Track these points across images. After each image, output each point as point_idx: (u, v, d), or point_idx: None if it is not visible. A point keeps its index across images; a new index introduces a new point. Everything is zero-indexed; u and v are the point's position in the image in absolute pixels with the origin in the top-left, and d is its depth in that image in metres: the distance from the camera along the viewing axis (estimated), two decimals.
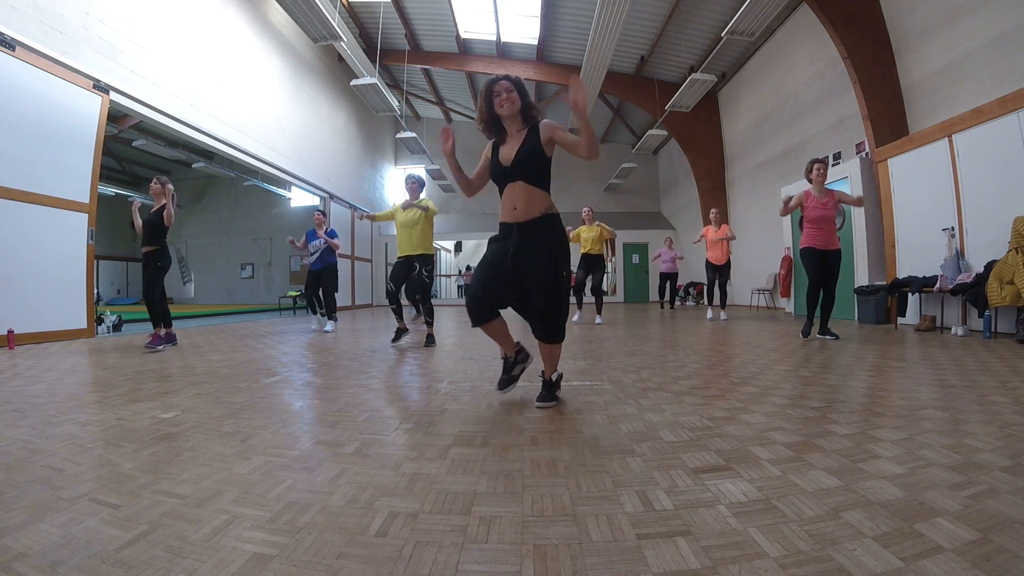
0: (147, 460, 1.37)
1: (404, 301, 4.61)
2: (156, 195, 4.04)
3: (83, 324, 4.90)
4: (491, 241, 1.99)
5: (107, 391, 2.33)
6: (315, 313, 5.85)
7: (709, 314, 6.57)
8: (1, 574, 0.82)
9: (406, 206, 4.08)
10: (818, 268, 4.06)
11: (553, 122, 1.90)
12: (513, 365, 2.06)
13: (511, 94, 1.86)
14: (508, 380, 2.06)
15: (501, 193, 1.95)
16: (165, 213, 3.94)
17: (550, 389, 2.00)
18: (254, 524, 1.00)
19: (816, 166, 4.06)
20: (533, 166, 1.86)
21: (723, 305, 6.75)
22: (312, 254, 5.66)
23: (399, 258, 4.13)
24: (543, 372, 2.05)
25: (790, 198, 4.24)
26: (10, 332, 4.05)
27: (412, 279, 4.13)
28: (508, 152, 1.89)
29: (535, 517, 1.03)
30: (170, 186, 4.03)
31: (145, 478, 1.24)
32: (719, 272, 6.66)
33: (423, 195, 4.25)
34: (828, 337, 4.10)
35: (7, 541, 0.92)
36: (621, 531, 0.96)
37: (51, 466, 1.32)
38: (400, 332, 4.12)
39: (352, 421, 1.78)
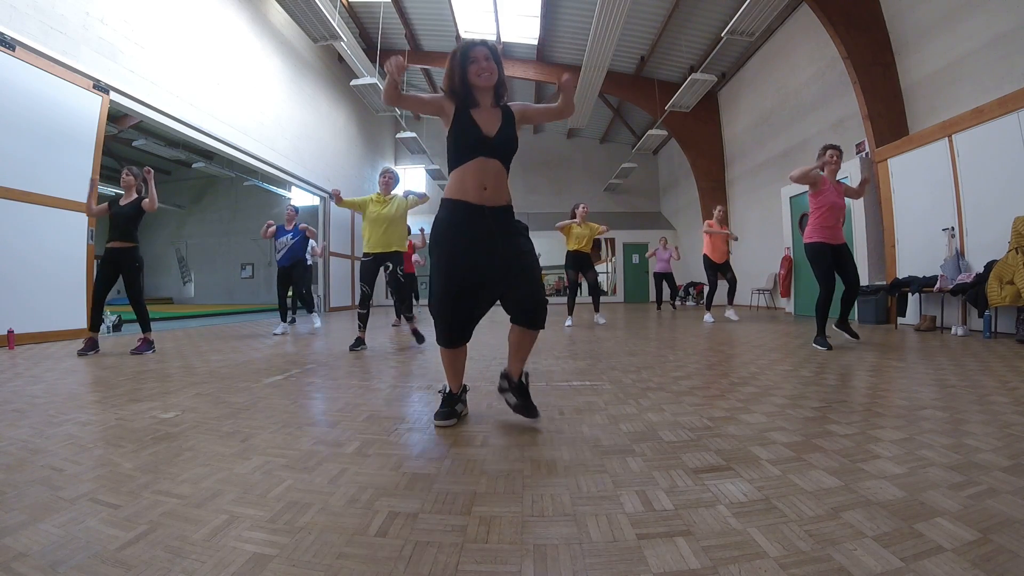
0: (147, 460, 1.37)
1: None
2: (128, 187, 3.82)
3: (83, 324, 4.89)
4: (446, 225, 1.65)
5: (107, 391, 2.33)
6: (284, 319, 5.55)
7: (708, 318, 6.24)
8: (1, 574, 0.82)
9: (384, 196, 3.88)
10: (831, 266, 3.59)
11: (518, 103, 1.78)
12: (457, 400, 1.76)
13: (489, 63, 1.66)
14: (450, 414, 1.72)
15: (462, 162, 1.65)
16: (148, 200, 3.74)
17: (526, 395, 1.73)
18: (254, 524, 1.00)
19: (830, 152, 3.57)
20: (510, 152, 1.71)
21: (731, 301, 6.41)
22: (279, 251, 5.47)
23: (368, 255, 3.86)
24: (507, 373, 1.76)
25: (806, 172, 3.59)
26: (10, 332, 4.05)
27: (390, 279, 3.89)
28: (489, 124, 1.66)
29: (535, 517, 1.03)
30: (140, 169, 3.80)
31: (145, 478, 1.24)
32: (721, 271, 6.36)
33: (396, 190, 4.05)
34: (847, 336, 3.76)
35: (7, 541, 0.93)
36: (621, 531, 0.96)
37: (51, 466, 1.32)
38: (360, 341, 3.85)
39: (352, 421, 1.78)
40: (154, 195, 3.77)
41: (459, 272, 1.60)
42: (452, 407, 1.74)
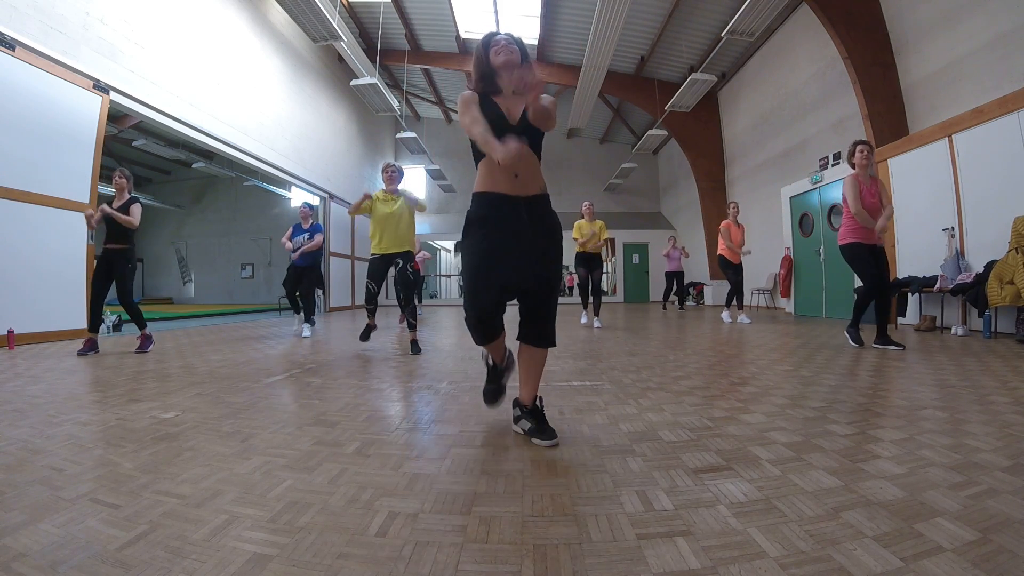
0: (147, 460, 1.37)
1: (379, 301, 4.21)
2: (120, 189, 3.80)
3: (83, 324, 4.89)
4: (479, 223, 1.56)
5: (107, 391, 2.33)
6: (298, 312, 5.50)
7: (727, 317, 6.22)
8: (1, 574, 0.82)
9: (390, 194, 3.75)
10: (871, 264, 3.51)
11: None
12: (502, 373, 1.73)
13: (510, 47, 1.63)
14: (498, 391, 1.72)
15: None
16: (131, 219, 3.75)
17: (542, 418, 1.57)
18: (254, 524, 1.00)
19: (860, 147, 3.52)
20: (536, 137, 1.63)
21: (728, 304, 6.36)
22: (295, 249, 5.35)
23: (376, 255, 3.72)
24: (519, 401, 1.64)
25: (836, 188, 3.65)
26: (10, 332, 4.05)
27: (399, 276, 3.74)
28: (513, 108, 1.59)
29: (535, 517, 1.03)
30: (131, 172, 3.87)
31: (145, 478, 1.24)
32: (735, 269, 6.17)
33: (401, 186, 3.92)
34: (892, 347, 3.46)
35: (7, 541, 0.93)
36: (621, 531, 0.96)
37: (51, 466, 1.32)
38: (370, 329, 3.84)
39: (352, 421, 1.78)
40: (128, 220, 3.79)
41: (493, 279, 1.50)
42: (499, 382, 1.71)
